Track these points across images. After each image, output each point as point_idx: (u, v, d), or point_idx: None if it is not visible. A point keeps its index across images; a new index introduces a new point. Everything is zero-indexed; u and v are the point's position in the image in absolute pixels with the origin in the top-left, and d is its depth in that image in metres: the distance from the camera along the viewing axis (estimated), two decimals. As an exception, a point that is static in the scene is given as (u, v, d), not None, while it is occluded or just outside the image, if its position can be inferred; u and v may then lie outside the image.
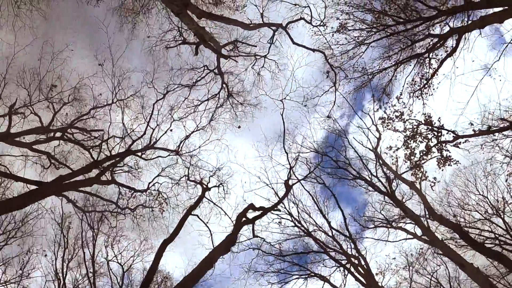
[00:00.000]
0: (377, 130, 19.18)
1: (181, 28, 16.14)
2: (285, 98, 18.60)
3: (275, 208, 17.74)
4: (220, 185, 18.52)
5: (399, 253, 20.70)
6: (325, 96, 20.38)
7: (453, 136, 18.57)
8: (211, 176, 18.40)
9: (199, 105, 19.64)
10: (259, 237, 18.14)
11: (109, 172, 16.07)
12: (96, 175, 15.14)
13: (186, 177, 18.23)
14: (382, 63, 19.79)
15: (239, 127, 18.89)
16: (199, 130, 18.02)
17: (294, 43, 17.14)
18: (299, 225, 19.28)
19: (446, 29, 18.41)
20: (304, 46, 17.17)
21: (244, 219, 16.11)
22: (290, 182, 18.57)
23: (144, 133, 16.91)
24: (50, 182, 13.67)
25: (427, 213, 17.69)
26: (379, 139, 19.05)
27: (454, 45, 18.00)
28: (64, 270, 17.37)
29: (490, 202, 21.35)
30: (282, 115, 18.62)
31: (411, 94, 19.84)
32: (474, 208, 21.57)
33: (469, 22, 17.17)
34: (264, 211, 17.04)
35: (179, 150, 17.94)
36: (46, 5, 16.80)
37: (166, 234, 18.43)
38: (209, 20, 14.40)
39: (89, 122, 18.40)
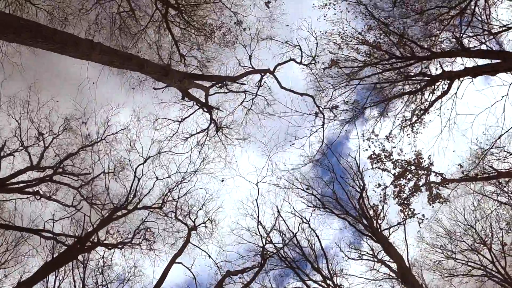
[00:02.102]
0: (362, 179, 19.09)
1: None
2: (260, 181, 19.09)
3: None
4: (208, 221, 18.77)
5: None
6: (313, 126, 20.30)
7: (440, 179, 18.56)
8: (199, 210, 18.67)
9: (187, 138, 19.58)
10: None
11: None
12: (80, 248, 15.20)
13: (174, 214, 18.44)
14: (373, 98, 19.58)
15: (222, 180, 19.07)
16: (183, 182, 18.16)
17: (282, 87, 16.89)
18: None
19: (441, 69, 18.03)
20: (292, 91, 16.93)
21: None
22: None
23: (128, 196, 17.01)
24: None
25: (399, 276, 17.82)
26: (362, 189, 18.99)
27: (446, 88, 17.70)
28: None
29: (477, 231, 21.59)
30: (256, 200, 19.04)
31: (402, 129, 19.66)
32: (461, 238, 21.82)
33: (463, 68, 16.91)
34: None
35: (163, 205, 18.07)
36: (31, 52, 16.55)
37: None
38: (192, 80, 14.16)
39: (78, 157, 18.50)
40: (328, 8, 19.26)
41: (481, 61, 16.67)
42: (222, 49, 18.65)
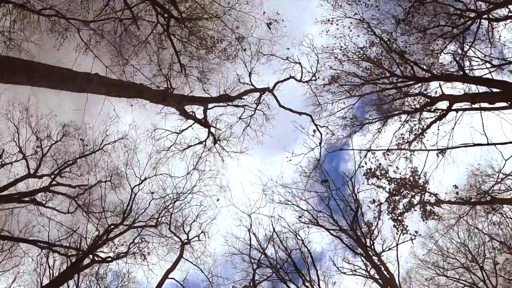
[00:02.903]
0: (356, 200, 19.16)
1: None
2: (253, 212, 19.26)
3: None
4: (202, 233, 18.95)
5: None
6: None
7: (435, 199, 18.65)
8: (193, 222, 18.83)
9: (185, 149, 19.64)
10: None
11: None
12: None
13: (168, 227, 18.65)
14: (372, 114, 19.60)
15: (217, 200, 19.25)
16: (178, 199, 18.27)
17: (280, 106, 16.91)
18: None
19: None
20: (290, 110, 16.95)
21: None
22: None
23: (124, 214, 17.11)
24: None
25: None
26: (356, 212, 19.06)
27: (445, 111, 17.68)
28: None
29: (470, 250, 21.75)
30: (249, 230, 19.21)
31: (399, 146, 19.68)
32: (454, 256, 21.97)
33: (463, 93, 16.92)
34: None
35: (158, 223, 18.22)
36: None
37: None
38: (190, 102, 14.19)
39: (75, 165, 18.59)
40: (331, 24, 19.20)
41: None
42: (222, 62, 18.63)
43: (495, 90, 15.32)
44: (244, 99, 18.10)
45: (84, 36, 17.42)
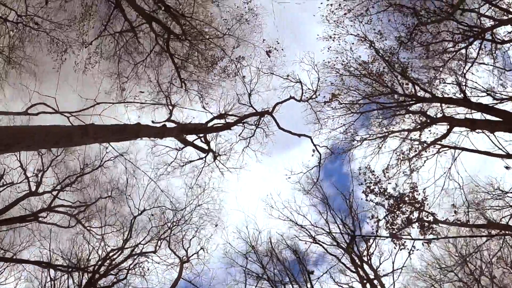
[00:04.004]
0: (353, 223, 19.24)
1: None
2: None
3: None
4: (201, 250, 19.17)
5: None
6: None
7: (432, 219, 18.73)
8: (192, 238, 19.02)
9: (185, 165, 19.68)
10: None
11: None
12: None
13: (167, 244, 18.83)
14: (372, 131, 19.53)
15: (216, 225, 19.35)
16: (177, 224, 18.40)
17: (280, 128, 16.85)
18: None
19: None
20: (290, 132, 16.85)
21: None
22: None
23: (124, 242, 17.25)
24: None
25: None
26: (353, 237, 19.16)
27: (445, 132, 17.57)
28: None
29: (467, 263, 21.92)
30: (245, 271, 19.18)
31: (399, 163, 19.66)
32: (451, 268, 22.16)
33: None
34: None
35: (157, 248, 18.38)
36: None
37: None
38: (189, 133, 14.15)
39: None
40: (333, 40, 18.92)
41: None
42: (223, 80, 18.56)
43: (496, 119, 15.16)
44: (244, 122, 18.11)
45: (84, 55, 17.35)
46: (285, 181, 18.25)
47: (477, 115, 16.46)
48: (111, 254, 17.11)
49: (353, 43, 18.54)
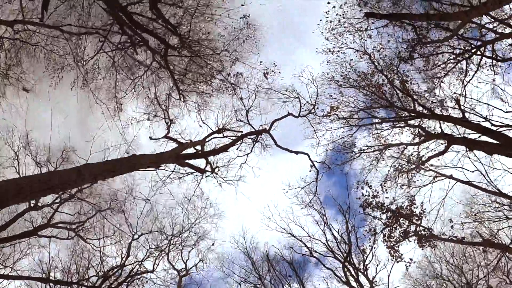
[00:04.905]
0: (349, 241, 19.30)
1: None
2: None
3: None
4: (200, 261, 19.34)
5: None
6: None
7: (429, 234, 18.85)
8: (191, 250, 19.17)
9: (182, 176, 19.74)
10: None
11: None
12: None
13: (166, 257, 18.95)
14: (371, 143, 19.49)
15: (213, 244, 19.48)
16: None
17: (277, 145, 16.86)
18: None
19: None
20: (287, 150, 16.88)
21: None
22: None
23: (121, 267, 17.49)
24: None
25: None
26: (349, 248, 19.24)
27: (443, 149, 17.54)
28: None
29: (463, 273, 22.12)
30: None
31: (397, 175, 19.65)
32: (448, 278, 22.36)
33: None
34: None
35: (154, 269, 18.46)
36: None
37: None
38: (184, 160, 14.13)
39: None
40: (332, 54, 18.72)
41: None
42: (221, 93, 18.53)
43: (495, 142, 15.07)
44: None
45: (81, 71, 17.31)
46: (283, 190, 18.34)
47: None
48: (110, 273, 17.27)
49: (351, 59, 18.32)
